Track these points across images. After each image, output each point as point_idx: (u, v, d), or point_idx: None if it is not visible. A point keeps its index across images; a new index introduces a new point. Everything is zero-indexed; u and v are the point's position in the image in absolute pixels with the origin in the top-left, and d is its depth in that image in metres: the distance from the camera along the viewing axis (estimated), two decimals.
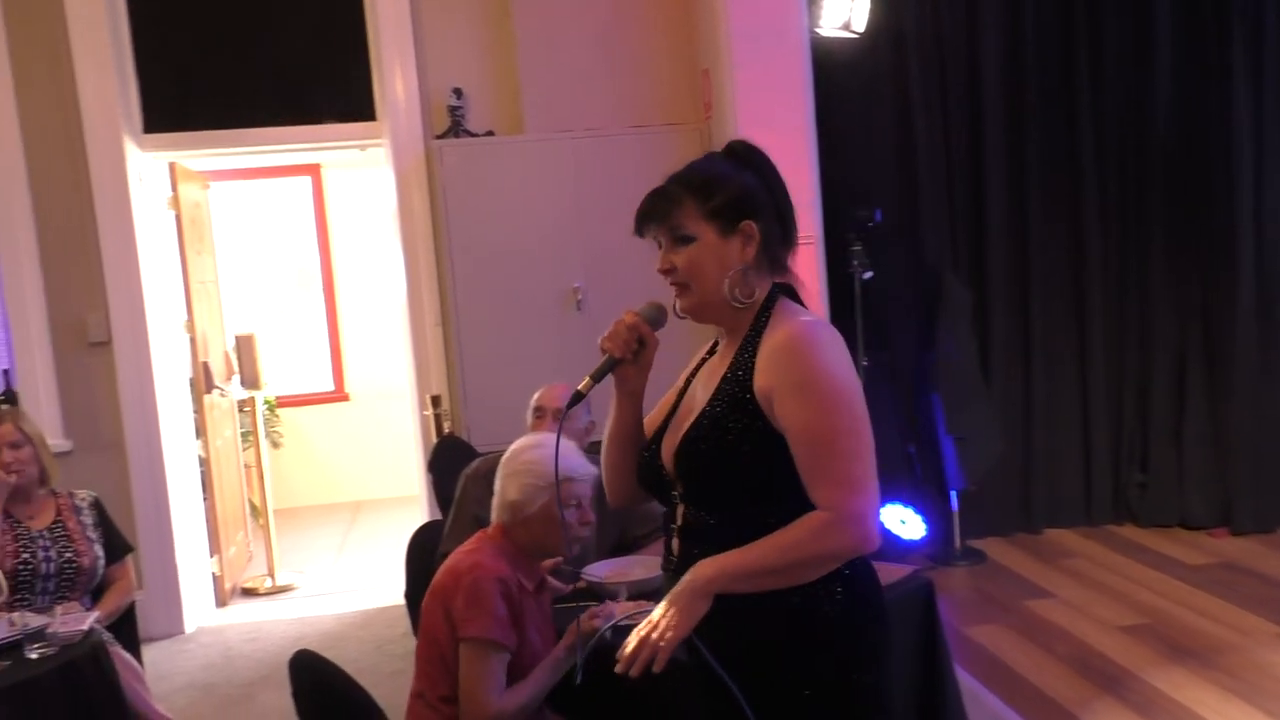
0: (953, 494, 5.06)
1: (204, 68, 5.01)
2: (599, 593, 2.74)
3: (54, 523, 3.40)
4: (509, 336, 4.77)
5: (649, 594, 2.67)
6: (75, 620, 2.88)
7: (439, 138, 4.84)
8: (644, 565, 2.85)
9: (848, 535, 1.62)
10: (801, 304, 1.82)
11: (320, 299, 7.72)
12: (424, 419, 5.00)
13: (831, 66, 4.84)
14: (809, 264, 4.64)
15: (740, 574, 1.64)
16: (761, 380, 1.68)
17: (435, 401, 4.92)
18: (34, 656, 2.70)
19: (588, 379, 1.81)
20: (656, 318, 1.84)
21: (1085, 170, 5.29)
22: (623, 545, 3.04)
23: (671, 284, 1.81)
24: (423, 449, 5.01)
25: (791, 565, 1.64)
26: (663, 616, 1.64)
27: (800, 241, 4.81)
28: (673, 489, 1.79)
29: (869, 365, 4.95)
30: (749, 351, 1.74)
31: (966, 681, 2.98)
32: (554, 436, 2.15)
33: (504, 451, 3.08)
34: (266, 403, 6.68)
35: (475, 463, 3.17)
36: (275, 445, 6.96)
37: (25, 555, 3.29)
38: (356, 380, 7.72)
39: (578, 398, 1.81)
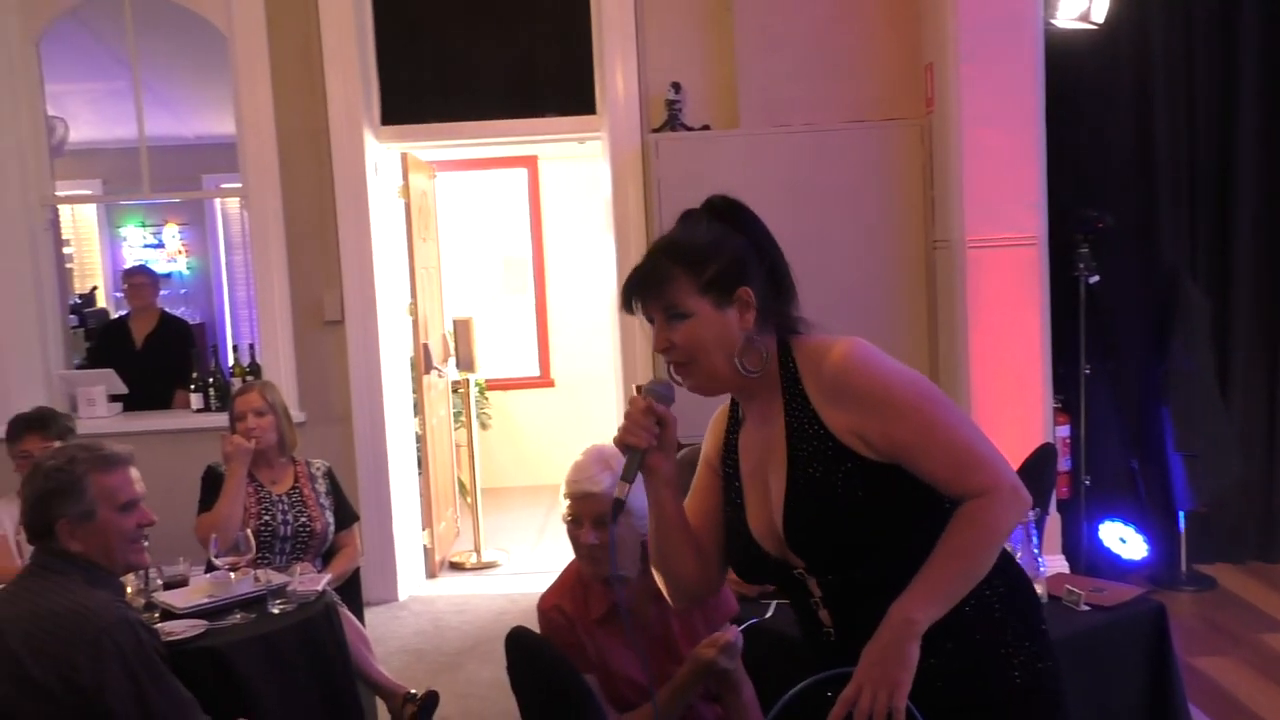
0: (1180, 514, 4.75)
1: (437, 64, 5.26)
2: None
3: (292, 488, 3.65)
4: None
5: None
6: (311, 580, 3.08)
7: (655, 131, 4.90)
8: None
9: (1013, 505, 1.59)
10: (795, 328, 1.73)
11: (530, 286, 7.97)
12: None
13: (1065, 60, 4.61)
14: (1031, 266, 4.45)
15: (938, 599, 1.55)
16: (837, 421, 1.62)
17: (639, 391, 4.98)
18: (275, 611, 2.91)
19: (622, 483, 1.69)
20: (667, 394, 1.71)
21: None
22: None
23: (670, 363, 1.71)
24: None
25: (979, 561, 1.58)
26: (872, 679, 1.52)
27: (1022, 243, 4.64)
28: (790, 568, 1.68)
29: (1090, 373, 4.71)
30: (799, 403, 1.66)
31: (1195, 715, 2.79)
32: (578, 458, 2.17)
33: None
34: (478, 385, 6.94)
35: (682, 452, 3.17)
36: (484, 426, 7.23)
37: (266, 518, 3.54)
38: (561, 367, 7.92)
39: (619, 506, 1.69)
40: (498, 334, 7.86)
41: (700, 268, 1.66)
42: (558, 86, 5.23)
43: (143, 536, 2.40)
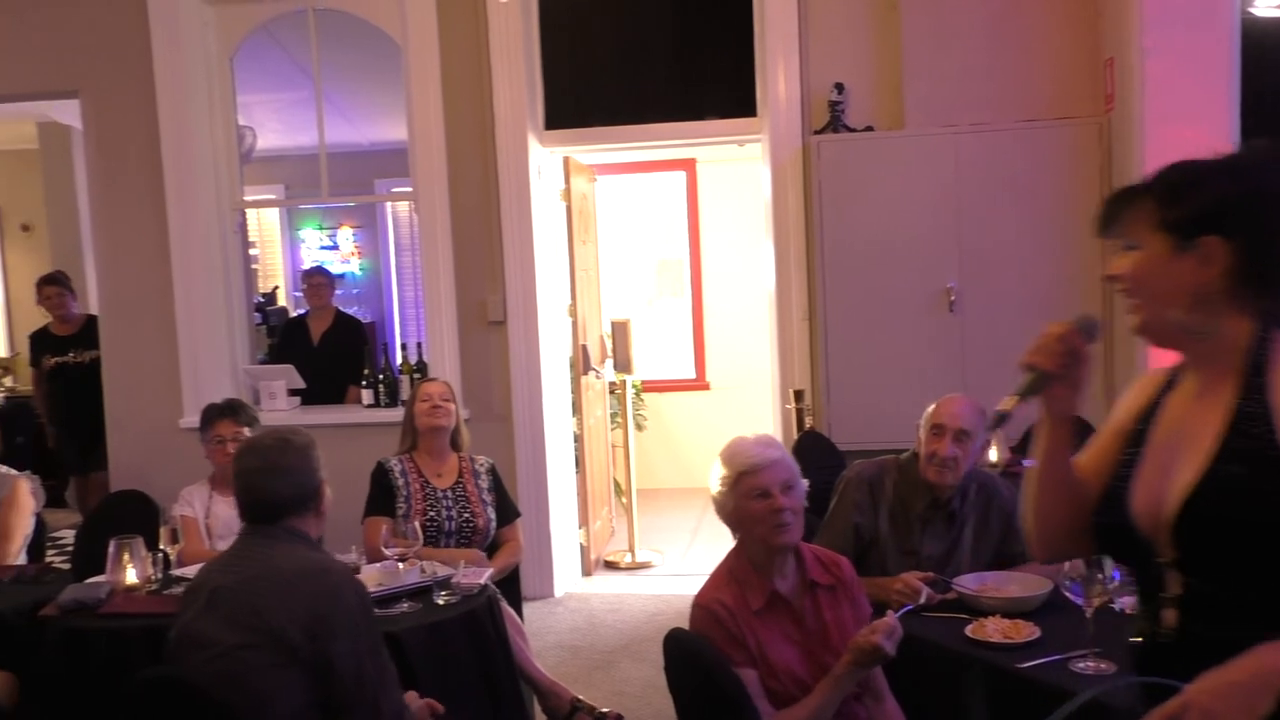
0: None
1: (599, 68, 5.34)
2: (971, 606, 2.63)
3: (455, 483, 3.76)
4: (876, 335, 4.70)
5: (1025, 613, 2.54)
6: (474, 574, 3.17)
7: (817, 133, 4.84)
8: (1022, 583, 2.71)
9: None
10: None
11: (687, 289, 8.00)
12: (785, 412, 5.03)
13: (1265, 51, 4.32)
14: None
15: None
16: None
17: (798, 396, 4.94)
18: (440, 602, 3.00)
19: (1012, 396, 1.58)
20: (1090, 329, 1.58)
21: None
22: (1002, 560, 2.89)
23: (1120, 292, 1.58)
24: (781, 442, 5.05)
25: None
26: (1205, 709, 1.33)
27: None
28: (1156, 555, 1.52)
29: None
30: (1255, 396, 1.45)
31: None
32: (741, 436, 2.14)
33: (888, 456, 3.04)
34: (634, 386, 7.01)
35: (856, 466, 3.11)
36: (639, 427, 7.29)
37: (432, 513, 3.66)
38: (717, 370, 7.92)
39: (1001, 419, 1.59)
40: (654, 336, 7.92)
41: (1171, 199, 1.50)
42: (718, 89, 5.24)
43: None
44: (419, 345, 5.44)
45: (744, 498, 2.39)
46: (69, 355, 5.86)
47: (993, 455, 3.85)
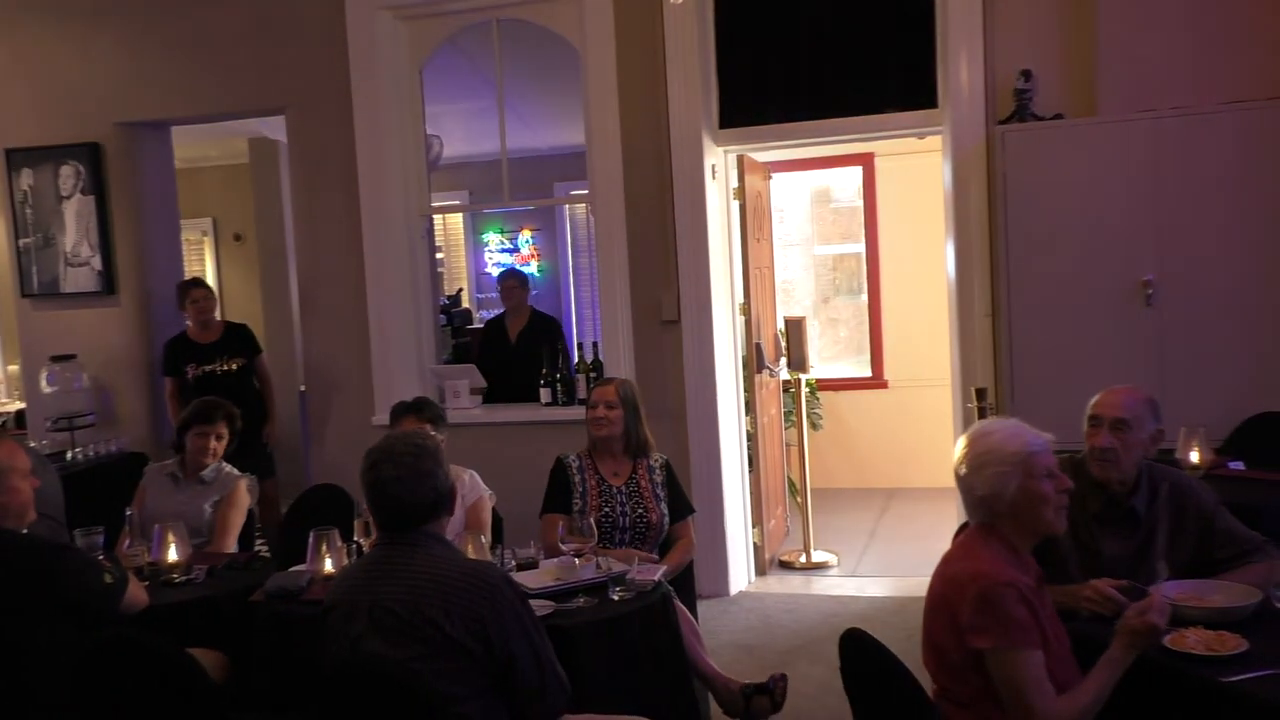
0: None
1: (774, 65, 5.30)
2: (1171, 616, 2.48)
3: (629, 480, 3.81)
4: (1065, 331, 4.49)
5: (1231, 624, 2.37)
6: (649, 571, 3.21)
7: (1002, 123, 4.67)
8: (1225, 591, 2.54)
9: None
10: None
11: (864, 286, 7.86)
12: (966, 411, 4.87)
13: None
14: None
15: None
16: None
17: (980, 394, 4.76)
18: (615, 598, 3.05)
19: None
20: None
21: None
22: (1202, 567, 2.72)
23: None
24: None
25: None
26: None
27: None
28: None
29: None
30: None
31: None
32: (995, 418, 2.00)
33: (1063, 455, 2.91)
34: (809, 385, 6.93)
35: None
36: (814, 426, 7.21)
37: (606, 509, 3.72)
38: (895, 368, 7.75)
39: None
40: (831, 334, 7.81)
41: None
42: (897, 80, 5.12)
43: None
44: (595, 345, 5.55)
45: (1033, 478, 2.33)
46: (216, 364, 5.62)
47: (1193, 456, 3.62)
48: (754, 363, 5.78)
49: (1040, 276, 4.53)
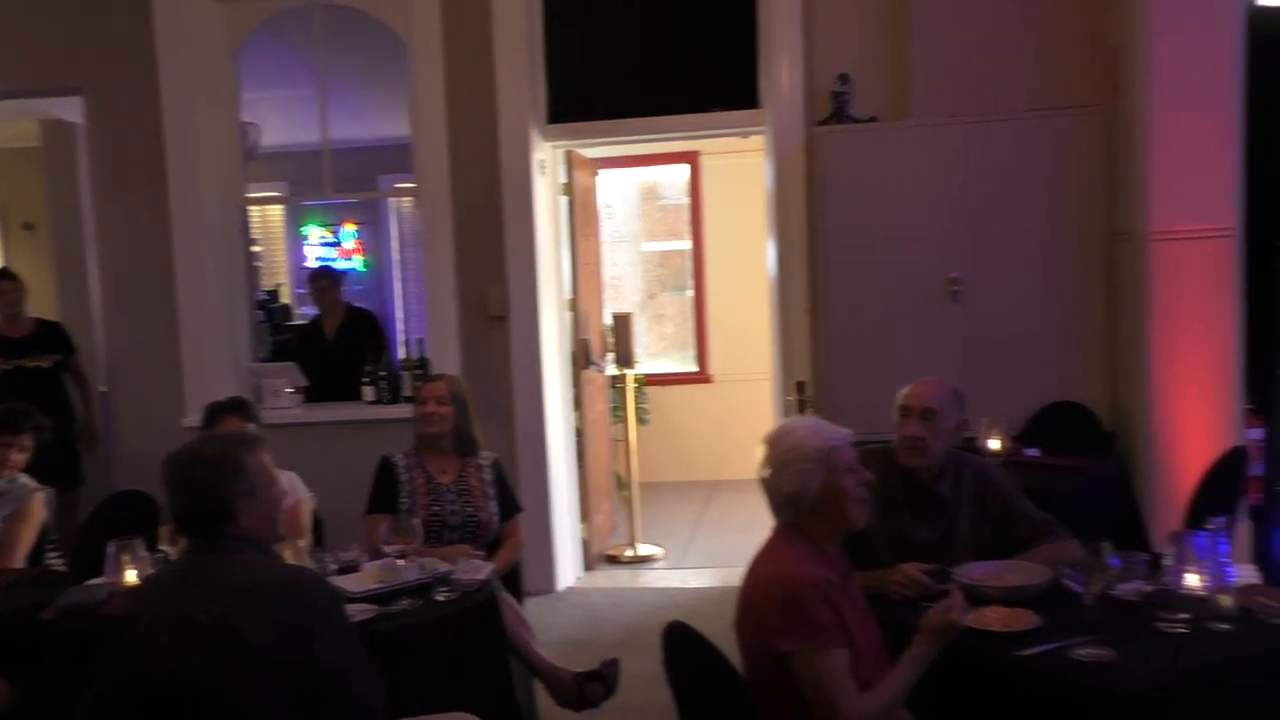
0: None
1: (602, 62, 5.33)
2: (971, 596, 2.62)
3: (459, 478, 3.75)
4: (878, 326, 4.69)
5: (1025, 601, 2.52)
6: (475, 570, 3.16)
7: (820, 124, 4.83)
8: (1021, 571, 2.69)
9: None
10: None
11: (690, 282, 7.99)
12: (786, 404, 5.02)
13: (1270, 41, 4.29)
14: (1223, 260, 4.18)
15: None
16: None
17: (800, 388, 4.93)
18: (440, 599, 2.99)
19: None
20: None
21: None
22: (999, 549, 2.88)
23: None
24: None
25: None
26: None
27: (1214, 235, 4.38)
28: None
29: None
30: None
31: None
32: (796, 416, 2.06)
33: (875, 445, 3.03)
34: (636, 380, 7.00)
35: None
36: (642, 421, 7.28)
37: (435, 508, 3.65)
38: (719, 363, 7.91)
39: None
40: (657, 330, 7.91)
41: None
42: (722, 81, 5.22)
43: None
44: (420, 341, 5.44)
45: (835, 473, 2.37)
46: (25, 359, 5.32)
47: (994, 444, 3.83)
48: (581, 359, 5.80)
49: (856, 273, 4.71)
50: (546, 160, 5.40)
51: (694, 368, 8.02)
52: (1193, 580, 2.37)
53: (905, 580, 2.65)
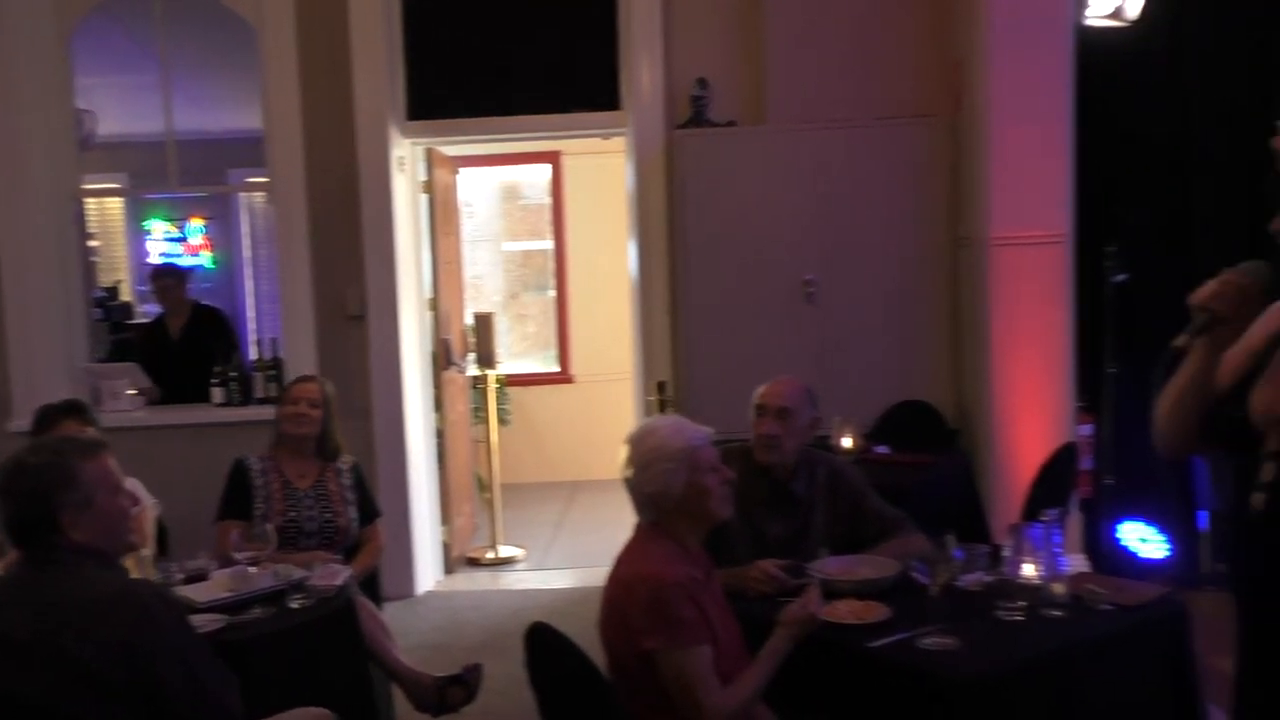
0: (1202, 514, 4.70)
1: (463, 59, 5.27)
2: (826, 590, 2.70)
3: (317, 483, 3.65)
4: (738, 326, 4.78)
5: (876, 594, 2.62)
6: (331, 575, 3.09)
7: (680, 127, 4.89)
8: (873, 564, 2.79)
9: None
10: None
11: (552, 282, 7.98)
12: (647, 404, 5.07)
13: (1098, 58, 4.56)
14: (1057, 264, 4.42)
15: None
16: None
17: (660, 388, 4.98)
18: (294, 606, 2.91)
19: (1186, 335, 1.84)
20: (1262, 276, 1.83)
21: None
22: (851, 543, 2.98)
23: None
24: None
25: None
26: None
27: (1049, 241, 4.62)
28: (1261, 444, 1.82)
29: (1116, 373, 4.66)
30: None
31: (1214, 715, 2.75)
32: (656, 415, 2.11)
33: (733, 444, 3.09)
34: (497, 381, 6.95)
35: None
36: (503, 422, 7.24)
37: (292, 514, 3.55)
38: (581, 363, 7.93)
39: (1176, 354, 1.86)
40: (519, 330, 7.87)
41: None
42: (583, 81, 5.23)
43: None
44: (273, 341, 5.27)
45: (698, 471, 2.39)
46: None
47: (846, 442, 3.96)
48: (442, 359, 5.72)
49: (715, 275, 4.79)
50: (406, 157, 5.31)
51: (556, 368, 8.01)
52: (1029, 570, 2.51)
53: (762, 576, 2.71)
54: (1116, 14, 4.38)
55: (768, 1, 4.84)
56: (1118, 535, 4.78)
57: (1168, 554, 4.72)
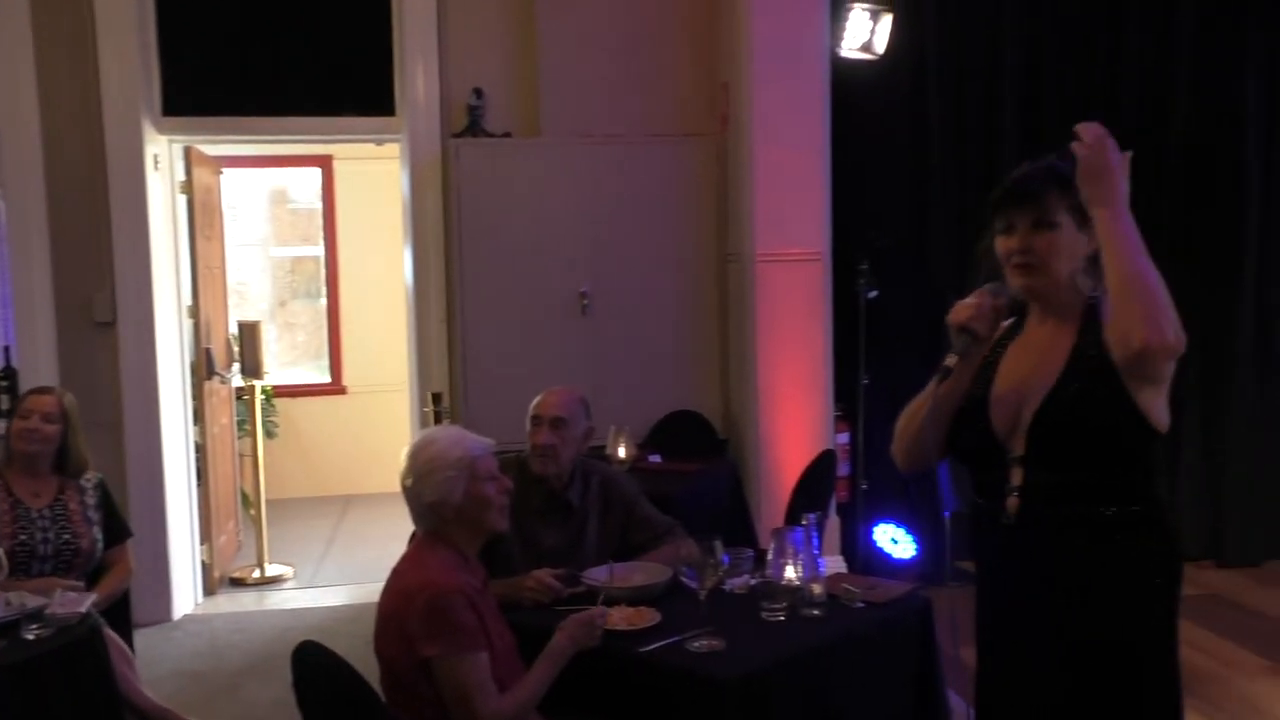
0: (945, 516, 5.08)
1: (226, 54, 5.02)
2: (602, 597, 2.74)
3: (55, 501, 3.38)
4: (514, 337, 4.79)
5: (649, 600, 2.68)
6: (73, 602, 2.86)
7: (456, 136, 4.85)
8: (645, 571, 2.86)
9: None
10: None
11: (324, 289, 7.72)
12: (423, 415, 4.99)
13: (851, 87, 4.87)
14: (815, 281, 4.67)
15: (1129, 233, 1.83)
16: (1117, 353, 1.83)
17: (436, 399, 4.91)
18: (30, 637, 2.68)
19: (954, 356, 1.96)
20: (1010, 299, 2.00)
21: None
22: (624, 551, 3.04)
23: (1016, 265, 1.96)
24: None
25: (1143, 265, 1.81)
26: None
27: (808, 258, 4.89)
28: (1007, 453, 1.96)
29: (869, 383, 4.97)
30: (1092, 338, 1.90)
31: (957, 704, 2.98)
32: (435, 425, 2.15)
33: (509, 454, 3.10)
34: (264, 392, 6.66)
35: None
36: (270, 435, 6.94)
37: (23, 536, 3.26)
38: (354, 373, 7.71)
39: (947, 373, 1.96)
40: (288, 338, 7.56)
41: (1071, 190, 1.91)
42: (356, 84, 5.09)
43: None
44: (5, 349, 4.84)
45: (477, 481, 2.39)
46: None
47: (621, 452, 4.03)
48: (203, 369, 5.43)
49: (491, 284, 4.78)
50: (162, 155, 5.01)
51: (327, 378, 7.76)
52: (790, 572, 2.64)
53: (538, 586, 2.73)
54: (866, 47, 4.69)
55: (541, 16, 4.88)
56: (873, 537, 5.10)
57: (915, 553, 5.07)
